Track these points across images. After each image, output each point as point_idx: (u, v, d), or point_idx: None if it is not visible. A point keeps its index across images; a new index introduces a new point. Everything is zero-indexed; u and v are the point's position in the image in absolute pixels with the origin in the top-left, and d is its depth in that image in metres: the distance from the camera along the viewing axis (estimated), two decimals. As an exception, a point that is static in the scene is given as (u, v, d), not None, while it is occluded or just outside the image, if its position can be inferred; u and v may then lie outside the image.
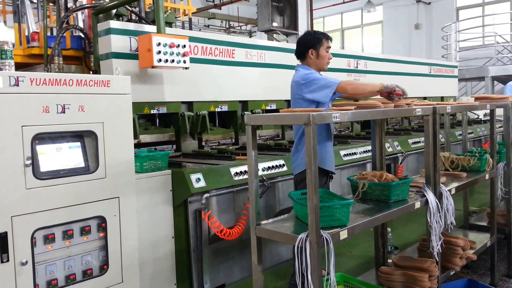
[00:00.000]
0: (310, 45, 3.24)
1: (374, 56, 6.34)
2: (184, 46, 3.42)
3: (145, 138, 3.87)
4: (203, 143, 4.32)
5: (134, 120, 3.63)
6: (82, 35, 3.93)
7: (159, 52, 3.26)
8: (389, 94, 2.90)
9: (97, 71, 3.58)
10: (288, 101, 5.00)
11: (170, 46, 3.31)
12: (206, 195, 3.18)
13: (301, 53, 3.31)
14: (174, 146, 4.17)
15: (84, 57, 3.96)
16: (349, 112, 2.42)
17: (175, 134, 4.12)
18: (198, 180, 3.15)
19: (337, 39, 17.15)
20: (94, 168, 2.69)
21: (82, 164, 2.68)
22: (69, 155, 2.64)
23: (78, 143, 2.68)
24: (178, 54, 3.39)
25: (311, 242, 2.13)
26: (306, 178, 2.15)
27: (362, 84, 3.05)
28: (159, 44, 3.27)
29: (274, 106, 4.90)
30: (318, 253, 2.13)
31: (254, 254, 2.40)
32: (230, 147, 4.07)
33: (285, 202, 3.84)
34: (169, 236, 3.25)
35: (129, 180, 2.85)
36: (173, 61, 3.36)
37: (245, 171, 3.45)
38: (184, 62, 3.44)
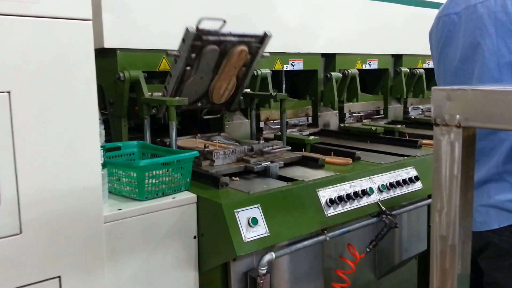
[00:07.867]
0: None
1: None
2: None
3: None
4: (262, 124, 2.67)
5: (139, 81, 2.05)
6: None
7: None
8: None
9: None
10: (397, 57, 3.28)
11: None
12: (271, 256, 1.54)
13: None
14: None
15: None
16: None
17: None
18: (253, 222, 1.50)
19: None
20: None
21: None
22: None
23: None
24: None
25: None
26: None
27: None
28: None
29: (375, 65, 3.19)
30: None
31: None
32: (310, 137, 2.39)
33: (411, 247, 2.17)
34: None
35: (90, 231, 1.27)
36: None
37: (348, 196, 1.78)
38: None
